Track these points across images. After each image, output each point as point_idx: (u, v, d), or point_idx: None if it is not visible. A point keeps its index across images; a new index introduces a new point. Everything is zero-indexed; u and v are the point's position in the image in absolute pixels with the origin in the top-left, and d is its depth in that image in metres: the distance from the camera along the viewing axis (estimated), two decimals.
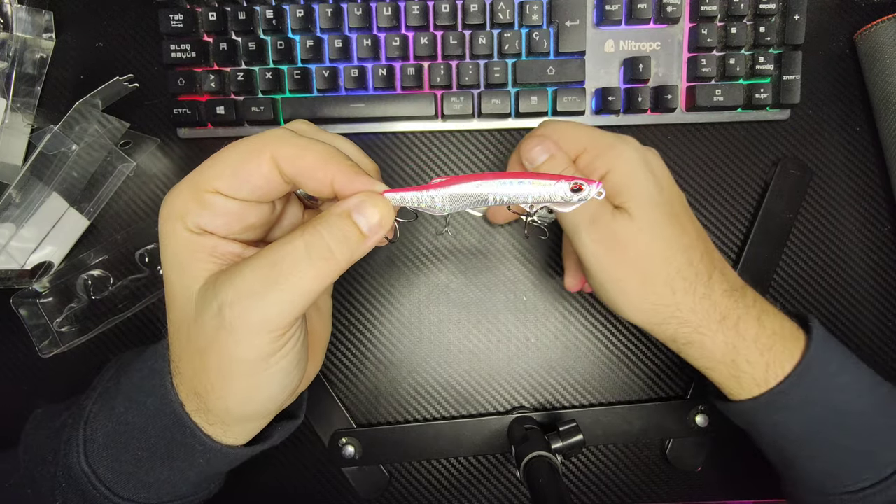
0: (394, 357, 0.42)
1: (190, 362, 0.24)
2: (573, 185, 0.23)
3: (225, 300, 0.22)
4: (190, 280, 0.23)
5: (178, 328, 0.24)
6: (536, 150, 0.31)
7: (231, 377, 0.23)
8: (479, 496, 0.42)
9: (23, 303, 0.39)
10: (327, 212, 0.23)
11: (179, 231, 0.23)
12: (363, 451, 0.40)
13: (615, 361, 0.42)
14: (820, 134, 0.42)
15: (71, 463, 0.26)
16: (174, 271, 0.24)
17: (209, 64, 0.40)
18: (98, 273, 0.41)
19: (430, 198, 0.24)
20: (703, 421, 0.40)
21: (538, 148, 0.30)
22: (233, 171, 0.23)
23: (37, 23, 0.40)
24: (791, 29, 0.39)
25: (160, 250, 0.24)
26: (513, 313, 0.42)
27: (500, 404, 0.42)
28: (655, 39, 0.40)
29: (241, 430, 0.26)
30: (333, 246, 0.22)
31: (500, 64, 0.39)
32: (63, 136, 0.37)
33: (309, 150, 0.23)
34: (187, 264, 0.23)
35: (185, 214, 0.23)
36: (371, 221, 0.23)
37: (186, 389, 0.25)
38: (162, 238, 0.24)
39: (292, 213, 0.28)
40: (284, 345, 0.23)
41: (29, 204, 0.38)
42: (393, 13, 0.39)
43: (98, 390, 0.28)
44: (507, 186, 0.24)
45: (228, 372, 0.23)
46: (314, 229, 0.23)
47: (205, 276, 0.23)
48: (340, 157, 0.24)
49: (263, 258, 0.22)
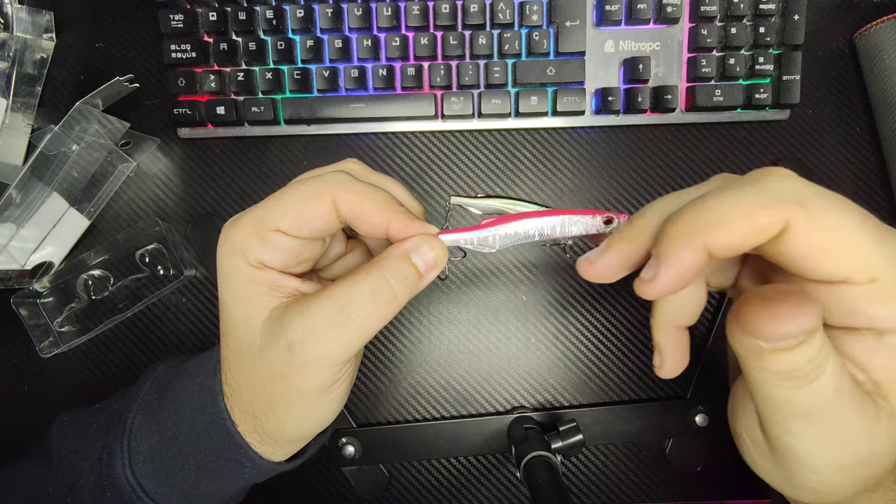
0: (394, 357, 0.42)
1: (252, 389, 0.25)
2: (605, 218, 0.26)
3: (295, 338, 0.24)
4: (253, 312, 0.25)
5: (239, 357, 0.25)
6: (788, 325, 0.17)
7: (293, 405, 0.25)
8: (479, 496, 0.42)
9: (23, 303, 0.39)
10: (388, 255, 0.25)
11: (242, 266, 0.24)
12: (363, 451, 0.40)
13: (615, 361, 0.42)
14: (819, 134, 0.42)
15: (115, 474, 0.27)
16: (236, 303, 0.25)
17: (209, 64, 0.40)
18: (98, 273, 0.41)
19: (483, 238, 0.26)
20: (702, 421, 0.40)
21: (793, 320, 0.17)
22: (296, 212, 0.24)
23: (37, 23, 0.40)
24: (791, 29, 0.39)
25: (220, 282, 0.25)
26: (513, 313, 0.42)
27: (500, 404, 0.42)
28: (655, 39, 0.40)
29: (289, 448, 0.28)
30: (397, 289, 0.24)
31: (500, 64, 0.39)
32: (63, 136, 0.37)
33: (367, 197, 0.24)
34: (250, 297, 0.25)
35: (248, 250, 0.24)
36: (428, 262, 0.25)
37: (242, 411, 0.26)
38: (223, 271, 0.25)
39: (337, 245, 0.29)
40: (343, 374, 0.26)
41: (29, 204, 0.38)
42: (393, 13, 0.39)
43: (137, 403, 0.28)
44: (550, 223, 0.26)
45: (292, 400, 0.25)
46: (379, 273, 0.24)
47: (268, 309, 0.25)
48: (395, 204, 0.25)
49: (331, 300, 0.24)
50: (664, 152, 0.42)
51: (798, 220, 0.18)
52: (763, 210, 0.18)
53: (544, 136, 0.42)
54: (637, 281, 0.20)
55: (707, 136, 0.42)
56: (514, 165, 0.42)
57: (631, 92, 0.40)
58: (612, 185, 0.42)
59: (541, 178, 0.42)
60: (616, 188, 0.42)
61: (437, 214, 0.42)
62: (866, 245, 0.18)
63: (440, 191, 0.42)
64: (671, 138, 0.42)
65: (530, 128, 0.42)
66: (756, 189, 0.19)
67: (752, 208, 0.18)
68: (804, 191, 0.18)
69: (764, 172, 0.20)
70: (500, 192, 0.42)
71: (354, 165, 0.28)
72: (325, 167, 0.26)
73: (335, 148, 0.42)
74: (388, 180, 0.28)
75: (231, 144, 0.42)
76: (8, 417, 0.41)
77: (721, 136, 0.42)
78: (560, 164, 0.42)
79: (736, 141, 0.42)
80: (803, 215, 0.18)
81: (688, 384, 0.42)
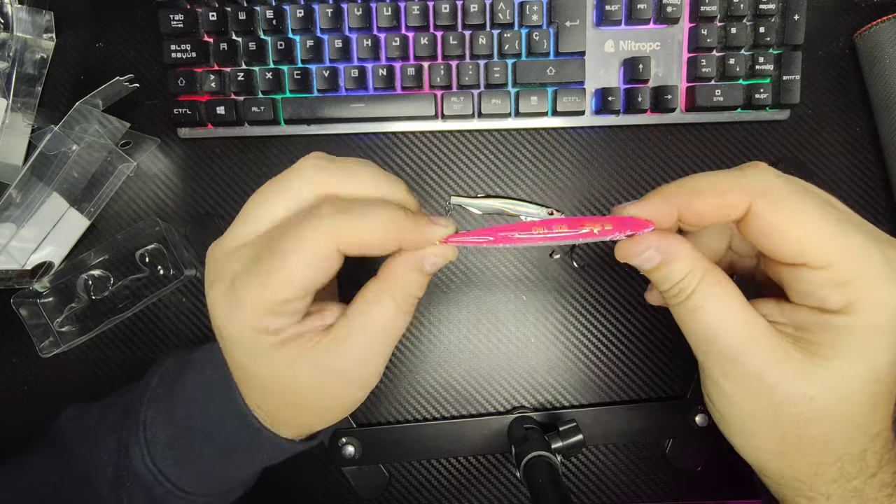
0: (394, 357, 0.42)
1: (271, 398, 0.26)
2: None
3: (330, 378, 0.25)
4: (271, 360, 0.24)
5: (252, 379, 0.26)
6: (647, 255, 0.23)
7: (324, 416, 0.27)
8: (479, 496, 0.42)
9: (23, 303, 0.39)
10: (400, 266, 0.24)
11: (263, 339, 0.23)
12: (363, 450, 0.40)
13: (615, 361, 0.42)
14: (819, 134, 0.42)
15: (134, 464, 0.27)
16: (253, 359, 0.25)
17: (209, 64, 0.40)
18: (98, 273, 0.41)
19: (494, 246, 0.25)
20: (702, 421, 0.40)
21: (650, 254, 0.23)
22: (302, 278, 0.22)
23: (37, 23, 0.40)
24: (791, 29, 0.39)
25: (228, 342, 0.24)
26: (513, 313, 0.42)
27: (500, 404, 0.42)
28: (655, 39, 0.40)
29: (307, 432, 0.29)
30: (418, 294, 0.25)
31: (500, 64, 0.39)
32: (63, 136, 0.37)
33: (372, 231, 0.23)
34: (272, 354, 0.24)
35: (256, 326, 0.23)
36: (438, 264, 0.25)
37: (258, 408, 0.27)
38: (226, 339, 0.24)
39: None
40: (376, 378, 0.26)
41: (29, 204, 0.38)
42: (393, 13, 0.39)
43: (147, 397, 0.29)
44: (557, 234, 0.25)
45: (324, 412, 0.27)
46: (401, 289, 0.24)
47: (288, 354, 0.24)
48: (401, 218, 0.23)
49: (366, 332, 0.24)
50: (664, 152, 0.42)
51: (759, 204, 0.21)
52: (732, 191, 0.22)
53: (544, 136, 0.42)
54: (619, 207, 0.24)
55: (707, 136, 0.42)
56: (514, 165, 0.42)
57: (631, 92, 0.40)
58: (612, 185, 0.42)
59: (541, 178, 0.42)
60: (616, 188, 0.42)
61: (437, 215, 0.42)
62: (823, 233, 0.21)
63: (440, 191, 0.42)
64: (671, 138, 0.42)
65: (530, 128, 0.42)
66: (734, 175, 0.22)
67: (725, 188, 0.22)
68: (773, 181, 0.22)
69: (750, 164, 0.24)
70: (500, 192, 0.42)
71: (320, 162, 0.24)
72: (289, 174, 0.24)
73: (335, 148, 0.42)
74: (358, 165, 0.25)
75: (231, 144, 0.42)
76: (8, 417, 0.41)
77: (721, 136, 0.42)
78: (560, 164, 0.42)
79: (736, 141, 0.42)
80: (765, 200, 0.21)
81: (688, 384, 0.42)
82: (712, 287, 0.23)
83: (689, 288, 0.23)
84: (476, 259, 0.42)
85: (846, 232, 0.21)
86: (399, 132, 0.42)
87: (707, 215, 0.23)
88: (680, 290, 0.23)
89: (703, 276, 0.23)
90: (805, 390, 0.22)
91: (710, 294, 0.23)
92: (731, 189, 0.22)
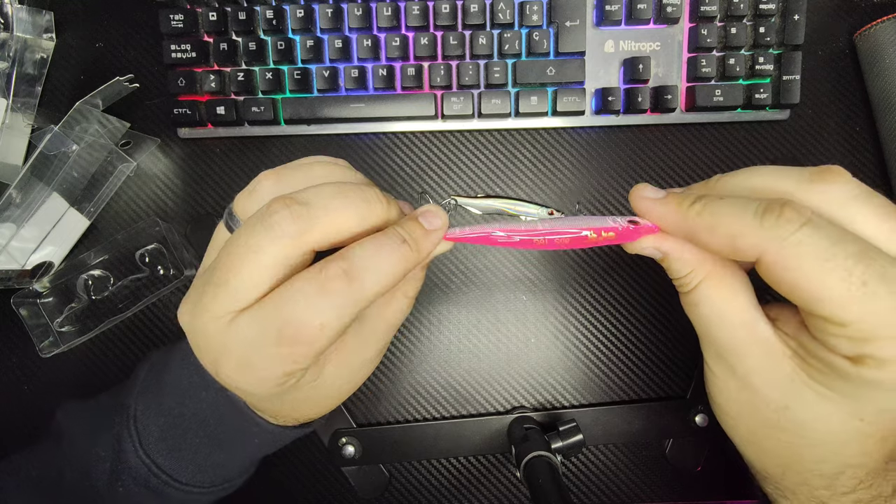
0: (394, 357, 0.42)
1: (270, 401, 0.26)
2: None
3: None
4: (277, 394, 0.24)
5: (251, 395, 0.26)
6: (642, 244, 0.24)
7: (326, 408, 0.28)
8: (479, 496, 0.42)
9: (23, 303, 0.39)
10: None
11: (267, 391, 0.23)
12: (363, 450, 0.40)
13: (615, 361, 0.42)
14: (819, 134, 0.42)
15: (127, 457, 0.27)
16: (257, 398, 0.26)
17: (209, 64, 0.40)
18: (98, 273, 0.41)
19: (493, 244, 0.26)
20: (702, 421, 0.40)
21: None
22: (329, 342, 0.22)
23: (37, 23, 0.40)
24: (791, 29, 0.39)
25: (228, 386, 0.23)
26: (513, 313, 0.42)
27: (500, 404, 0.42)
28: (655, 39, 0.40)
29: (301, 421, 0.29)
30: (421, 283, 0.27)
31: (500, 64, 0.39)
32: (63, 136, 0.37)
33: (393, 279, 0.22)
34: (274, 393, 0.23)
35: (278, 384, 0.22)
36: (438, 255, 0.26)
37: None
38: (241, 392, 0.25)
39: None
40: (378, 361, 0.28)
41: (29, 204, 0.38)
42: (393, 13, 0.39)
43: (136, 389, 0.29)
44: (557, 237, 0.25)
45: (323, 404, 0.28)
46: (411, 286, 0.26)
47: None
48: (408, 254, 0.22)
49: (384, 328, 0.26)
50: (664, 152, 0.42)
51: (769, 257, 0.20)
52: (743, 238, 0.20)
53: (544, 136, 0.42)
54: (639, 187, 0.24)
55: (707, 136, 0.42)
56: (514, 165, 0.42)
57: (631, 92, 0.40)
58: (612, 185, 0.42)
59: (541, 178, 0.42)
60: (616, 188, 0.42)
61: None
62: (845, 295, 0.19)
63: (440, 191, 0.42)
64: (671, 138, 0.42)
65: (530, 128, 0.42)
66: (755, 217, 0.20)
67: (739, 232, 0.21)
68: (794, 236, 0.19)
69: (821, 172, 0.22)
70: (500, 192, 0.42)
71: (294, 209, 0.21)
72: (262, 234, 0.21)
73: (335, 148, 0.42)
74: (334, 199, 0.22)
75: (231, 144, 0.42)
76: (8, 417, 0.41)
77: (721, 136, 0.42)
78: (560, 164, 0.42)
79: (736, 141, 0.42)
80: (776, 255, 0.20)
81: (688, 384, 0.42)
82: (713, 288, 0.23)
83: (690, 284, 0.24)
84: (476, 259, 0.42)
85: (875, 294, 0.19)
86: (399, 132, 0.42)
87: (715, 251, 0.22)
88: (682, 284, 0.24)
89: (707, 276, 0.23)
90: (785, 401, 0.22)
91: (710, 294, 0.23)
92: (743, 236, 0.20)
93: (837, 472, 0.23)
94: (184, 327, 0.23)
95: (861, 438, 0.22)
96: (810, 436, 0.23)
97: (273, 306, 0.21)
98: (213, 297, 0.21)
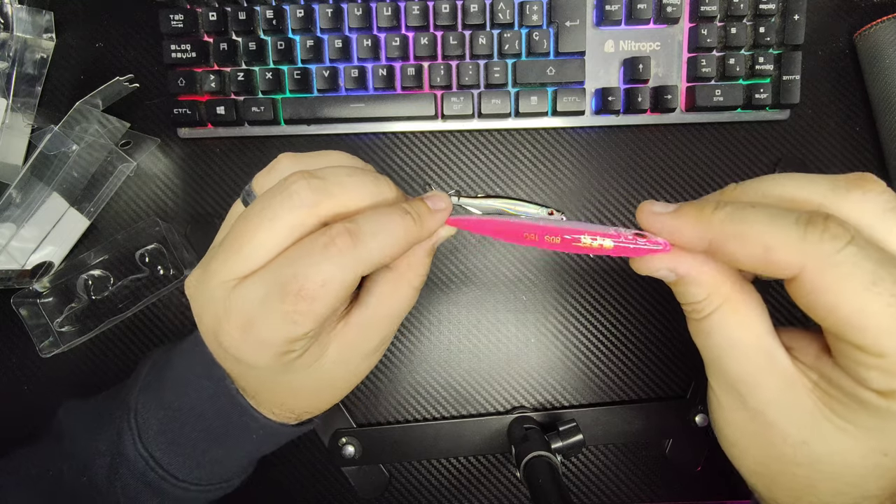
0: (394, 357, 0.42)
1: (268, 391, 0.26)
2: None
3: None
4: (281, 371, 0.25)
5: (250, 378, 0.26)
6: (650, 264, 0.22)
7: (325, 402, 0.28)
8: (479, 496, 0.42)
9: (23, 303, 0.39)
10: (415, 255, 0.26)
11: (268, 362, 0.23)
12: (363, 450, 0.40)
13: (615, 361, 0.42)
14: (819, 134, 0.42)
15: (126, 450, 0.27)
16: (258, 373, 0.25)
17: (209, 64, 0.40)
18: (98, 273, 0.41)
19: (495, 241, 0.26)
20: (702, 421, 0.40)
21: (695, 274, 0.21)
22: (329, 312, 0.22)
23: (37, 23, 0.40)
24: (791, 29, 0.39)
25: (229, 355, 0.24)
26: (513, 313, 0.42)
27: (499, 404, 0.42)
28: (655, 39, 0.40)
29: (301, 417, 0.29)
30: (427, 271, 0.27)
31: (500, 64, 0.39)
32: (63, 136, 0.37)
33: (394, 251, 0.23)
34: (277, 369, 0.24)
35: (280, 353, 0.23)
36: (443, 239, 0.26)
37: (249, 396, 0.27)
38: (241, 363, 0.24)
39: None
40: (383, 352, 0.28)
41: (29, 204, 0.38)
42: (393, 13, 0.39)
43: (138, 385, 0.29)
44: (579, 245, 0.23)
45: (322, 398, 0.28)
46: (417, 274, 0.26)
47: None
48: (412, 227, 0.23)
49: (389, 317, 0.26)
50: (664, 152, 0.42)
51: (809, 275, 0.18)
52: (782, 251, 0.18)
53: (544, 136, 0.42)
54: (647, 205, 0.22)
55: (707, 136, 0.42)
56: (514, 165, 0.42)
57: (631, 92, 0.40)
58: (612, 185, 0.42)
59: (541, 178, 0.42)
60: (616, 188, 0.42)
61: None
62: (884, 324, 0.17)
63: (440, 191, 0.42)
64: (671, 138, 0.42)
65: (530, 128, 0.42)
66: (797, 229, 0.18)
67: (776, 244, 0.18)
68: (840, 254, 0.17)
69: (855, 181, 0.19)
70: (500, 192, 0.42)
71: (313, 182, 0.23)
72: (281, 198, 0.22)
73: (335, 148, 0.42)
74: (343, 173, 0.24)
75: (231, 144, 0.42)
76: (8, 417, 0.41)
77: (721, 136, 0.42)
78: (560, 164, 0.42)
79: (736, 141, 0.42)
80: (817, 274, 0.18)
81: (688, 384, 0.42)
82: (730, 314, 0.21)
83: (704, 311, 0.21)
84: (476, 259, 0.42)
85: None
86: (399, 132, 0.42)
87: (741, 263, 0.19)
88: (694, 311, 0.22)
89: (722, 304, 0.21)
90: (803, 436, 0.21)
91: (726, 322, 0.21)
92: (781, 249, 0.18)
93: (855, 503, 0.22)
94: (189, 296, 0.24)
95: (881, 472, 0.20)
96: (828, 470, 0.21)
97: (278, 264, 0.22)
98: (223, 262, 0.22)
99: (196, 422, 0.27)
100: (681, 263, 0.21)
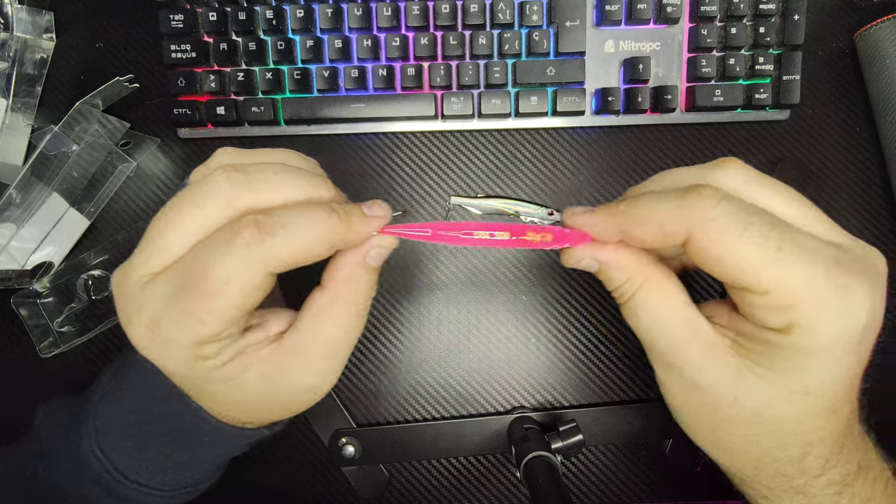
0: (393, 357, 0.42)
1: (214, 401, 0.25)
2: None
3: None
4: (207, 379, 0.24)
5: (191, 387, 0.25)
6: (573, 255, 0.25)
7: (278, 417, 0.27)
8: (479, 496, 0.42)
9: (23, 303, 0.39)
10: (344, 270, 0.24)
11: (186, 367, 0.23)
12: (363, 450, 0.40)
13: (615, 361, 0.42)
14: (819, 134, 0.42)
15: (85, 456, 0.26)
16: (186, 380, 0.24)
17: (209, 64, 0.40)
18: (98, 273, 0.41)
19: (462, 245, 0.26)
20: None
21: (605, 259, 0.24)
22: (235, 309, 0.21)
23: (37, 23, 0.40)
24: (791, 29, 0.39)
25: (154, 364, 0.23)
26: (513, 313, 0.42)
27: (499, 404, 0.42)
28: (655, 39, 0.40)
29: (256, 425, 0.27)
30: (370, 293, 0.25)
31: (500, 64, 0.39)
32: (63, 136, 0.37)
33: (306, 245, 0.22)
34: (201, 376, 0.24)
35: (193, 358, 0.23)
36: (383, 255, 0.25)
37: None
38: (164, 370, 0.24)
39: None
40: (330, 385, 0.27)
41: (29, 204, 0.38)
42: (393, 13, 0.39)
43: (99, 392, 0.28)
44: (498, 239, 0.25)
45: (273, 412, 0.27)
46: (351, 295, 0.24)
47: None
48: (334, 224, 0.22)
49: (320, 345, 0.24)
50: (664, 152, 0.42)
51: (697, 235, 0.21)
52: (671, 221, 0.22)
53: (544, 136, 0.42)
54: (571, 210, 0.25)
55: (707, 136, 0.42)
56: (514, 165, 0.42)
57: (631, 92, 0.40)
58: (612, 185, 0.42)
59: (541, 178, 0.42)
60: (616, 188, 0.42)
61: (438, 214, 0.42)
62: (761, 262, 0.20)
63: (440, 191, 0.42)
64: (671, 138, 0.42)
65: (530, 128, 0.42)
66: (674, 201, 0.22)
67: (664, 218, 0.22)
68: (711, 210, 0.21)
69: (716, 164, 0.23)
70: (500, 192, 0.42)
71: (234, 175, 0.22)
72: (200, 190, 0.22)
73: (335, 148, 0.42)
74: (271, 170, 0.23)
75: (231, 144, 0.41)
76: (8, 417, 0.41)
77: (721, 136, 0.42)
78: (560, 164, 0.42)
79: (736, 141, 0.42)
80: (702, 231, 0.21)
81: None
82: (651, 292, 0.24)
83: (628, 292, 0.24)
84: (476, 259, 0.42)
85: (789, 257, 0.20)
86: (399, 132, 0.42)
87: (648, 242, 0.23)
88: (620, 294, 0.24)
89: (643, 284, 0.24)
90: (734, 393, 0.23)
91: (649, 299, 0.24)
92: (670, 220, 0.22)
93: (803, 454, 0.23)
94: (113, 293, 0.23)
95: (814, 412, 0.22)
96: (766, 422, 0.23)
97: (184, 260, 0.21)
98: (139, 257, 0.22)
99: (156, 424, 0.26)
100: (601, 252, 0.24)
